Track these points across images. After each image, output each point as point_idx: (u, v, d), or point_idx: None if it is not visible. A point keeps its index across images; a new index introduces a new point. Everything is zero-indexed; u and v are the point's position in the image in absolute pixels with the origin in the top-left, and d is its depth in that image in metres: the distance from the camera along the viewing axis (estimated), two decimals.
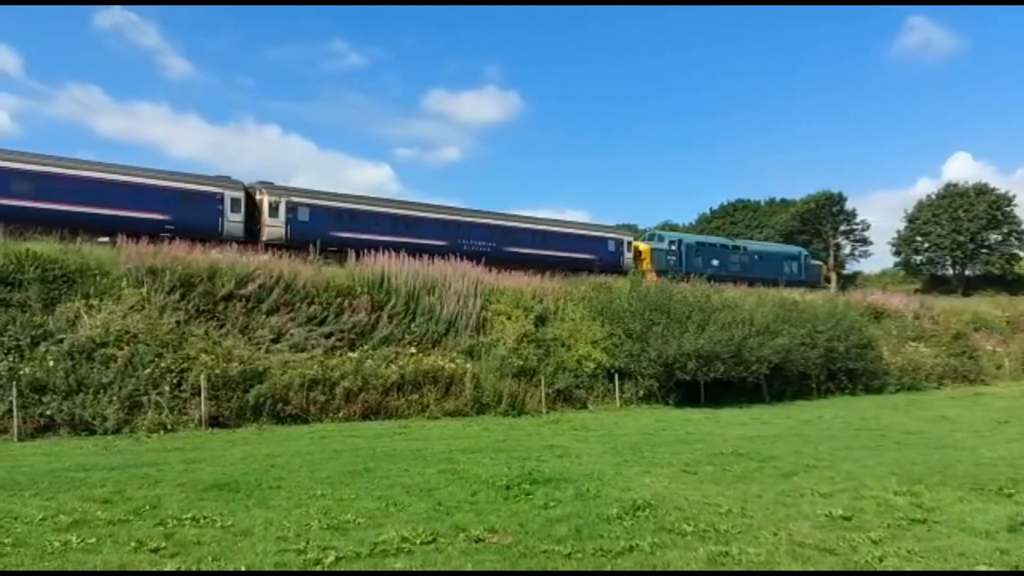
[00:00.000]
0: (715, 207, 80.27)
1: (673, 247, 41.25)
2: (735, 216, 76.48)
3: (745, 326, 24.81)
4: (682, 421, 19.22)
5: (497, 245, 34.70)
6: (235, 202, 29.20)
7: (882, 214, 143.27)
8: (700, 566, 6.17)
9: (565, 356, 23.39)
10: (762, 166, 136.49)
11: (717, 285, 30.86)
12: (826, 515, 7.90)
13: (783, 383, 26.71)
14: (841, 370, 28.38)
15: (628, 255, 39.86)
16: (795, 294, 34.61)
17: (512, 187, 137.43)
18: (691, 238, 43.23)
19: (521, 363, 21.95)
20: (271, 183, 30.90)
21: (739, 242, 46.86)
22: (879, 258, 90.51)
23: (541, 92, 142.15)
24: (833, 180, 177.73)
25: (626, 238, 40.85)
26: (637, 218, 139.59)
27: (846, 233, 70.83)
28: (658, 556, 6.41)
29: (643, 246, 40.77)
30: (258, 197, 29.85)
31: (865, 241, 71.36)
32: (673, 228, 78.47)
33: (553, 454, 12.46)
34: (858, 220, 70.62)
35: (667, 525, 7.40)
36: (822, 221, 68.97)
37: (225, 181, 29.87)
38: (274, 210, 29.66)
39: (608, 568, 6.10)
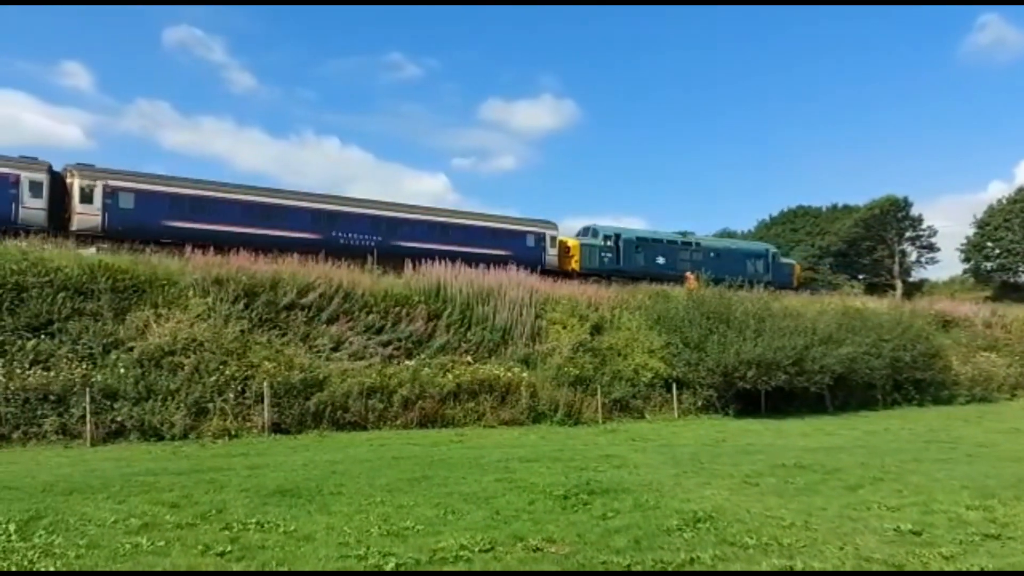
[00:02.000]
0: (775, 214, 78.92)
1: (609, 243, 37.51)
2: (795, 223, 74.97)
3: (807, 335, 24.30)
4: (742, 432, 18.90)
5: (384, 239, 31.13)
6: (35, 185, 25.56)
7: (950, 219, 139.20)
8: None
9: (621, 365, 23.23)
10: (824, 171, 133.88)
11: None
12: (894, 530, 7.67)
13: (847, 393, 26.07)
14: (908, 380, 27.57)
15: (551, 251, 35.98)
16: (857, 302, 33.76)
17: (568, 195, 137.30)
18: (632, 232, 39.13)
19: (577, 372, 21.88)
20: (90, 165, 27.06)
21: (692, 237, 42.67)
22: (947, 265, 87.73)
23: (597, 99, 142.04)
24: (898, 185, 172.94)
25: (548, 232, 36.55)
26: (695, 225, 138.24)
27: (912, 240, 68.74)
28: (720, 568, 6.31)
29: (571, 242, 37.17)
30: (68, 180, 26.41)
31: (932, 248, 69.16)
32: (730, 235, 77.35)
33: (610, 464, 12.37)
34: (924, 226, 68.49)
35: (728, 538, 7.27)
36: (886, 227, 67.05)
37: (24, 161, 26.29)
38: (87, 195, 25.85)
39: None
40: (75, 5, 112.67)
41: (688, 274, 34.92)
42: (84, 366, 16.51)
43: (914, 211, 68.26)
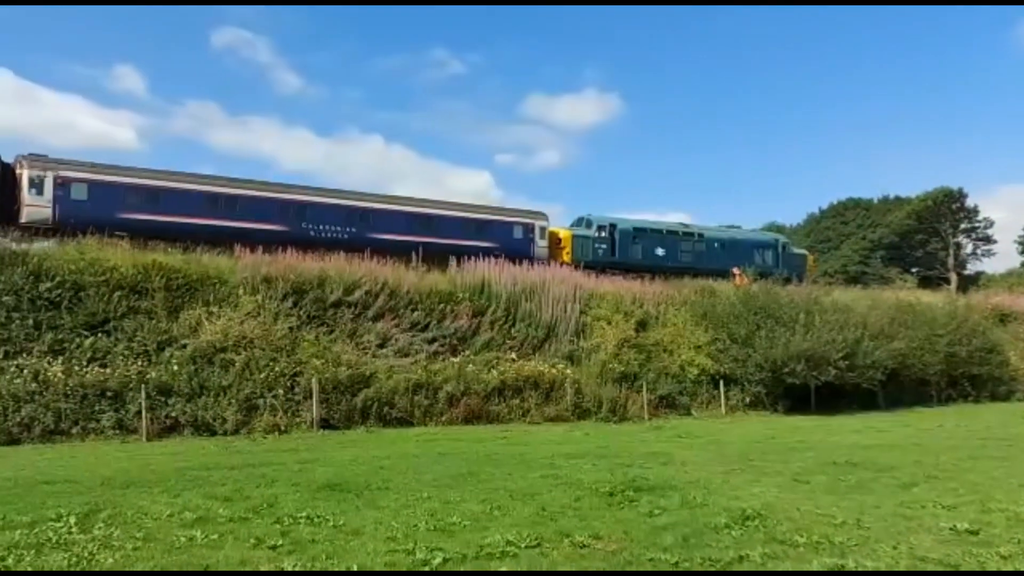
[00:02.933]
0: (824, 206, 77.44)
1: (603, 234, 35.42)
2: (845, 216, 73.43)
3: (858, 329, 23.83)
4: (792, 429, 18.61)
5: (358, 231, 29.21)
6: None
7: (1008, 210, 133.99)
8: None
9: (667, 361, 23.08)
10: (875, 162, 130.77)
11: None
12: (950, 529, 7.47)
13: (900, 390, 25.53)
14: (963, 376, 26.91)
15: (541, 243, 33.93)
16: (910, 296, 32.96)
17: (613, 190, 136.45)
18: (628, 223, 36.97)
19: (622, 369, 21.80)
20: (42, 155, 25.79)
21: (695, 227, 40.35)
22: (1004, 257, 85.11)
23: (641, 93, 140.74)
24: (952, 175, 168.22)
25: (538, 223, 34.50)
26: (743, 219, 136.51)
27: (967, 232, 66.88)
28: (770, 567, 6.21)
29: (563, 232, 35.26)
30: (18, 171, 25.10)
31: (988, 240, 67.20)
32: (778, 229, 76.05)
33: (657, 461, 12.28)
34: (980, 217, 66.59)
35: (778, 536, 7.16)
36: (940, 219, 65.32)
37: None
38: (37, 186, 24.59)
39: None
40: (111, 5, 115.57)
41: (735, 270, 34.25)
42: (139, 363, 16.97)
43: (969, 202, 66.50)
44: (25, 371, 15.83)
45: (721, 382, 22.82)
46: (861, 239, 68.24)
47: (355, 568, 6.06)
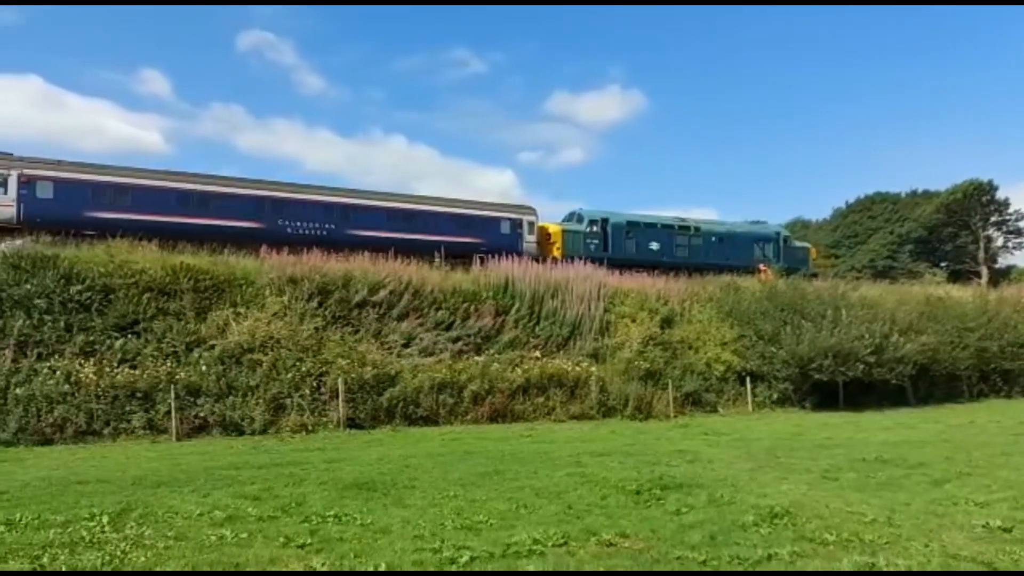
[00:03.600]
0: (851, 200, 76.58)
1: (595, 228, 34.77)
2: (872, 210, 72.58)
3: (885, 324, 23.55)
4: (820, 425, 18.43)
5: (337, 228, 28.60)
6: None
7: None
8: None
9: (693, 358, 22.95)
10: (902, 156, 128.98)
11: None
12: (983, 526, 7.37)
13: (930, 385, 25.19)
14: (995, 371, 26.50)
15: (529, 238, 33.05)
16: (939, 291, 32.49)
17: (637, 187, 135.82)
18: (621, 217, 36.18)
19: (647, 366, 21.70)
20: (7, 153, 25.25)
21: (691, 221, 39.09)
22: None
23: (666, 89, 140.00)
24: (982, 168, 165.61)
25: (526, 218, 33.65)
26: (768, 215, 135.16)
27: (998, 224, 65.76)
28: (798, 566, 6.17)
29: (553, 228, 34.49)
30: None
31: (1020, 232, 65.98)
32: (805, 225, 75.33)
33: (683, 459, 12.23)
34: (1011, 210, 65.42)
35: (807, 534, 7.11)
36: (970, 212, 64.30)
37: None
38: (1, 184, 24.14)
39: None
40: (135, 5, 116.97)
41: (761, 266, 33.89)
42: (169, 364, 17.17)
43: (1000, 194, 65.39)
44: (57, 372, 16.07)
45: (747, 379, 22.65)
46: (889, 233, 67.45)
47: (383, 566, 6.10)
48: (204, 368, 17.28)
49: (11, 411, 15.19)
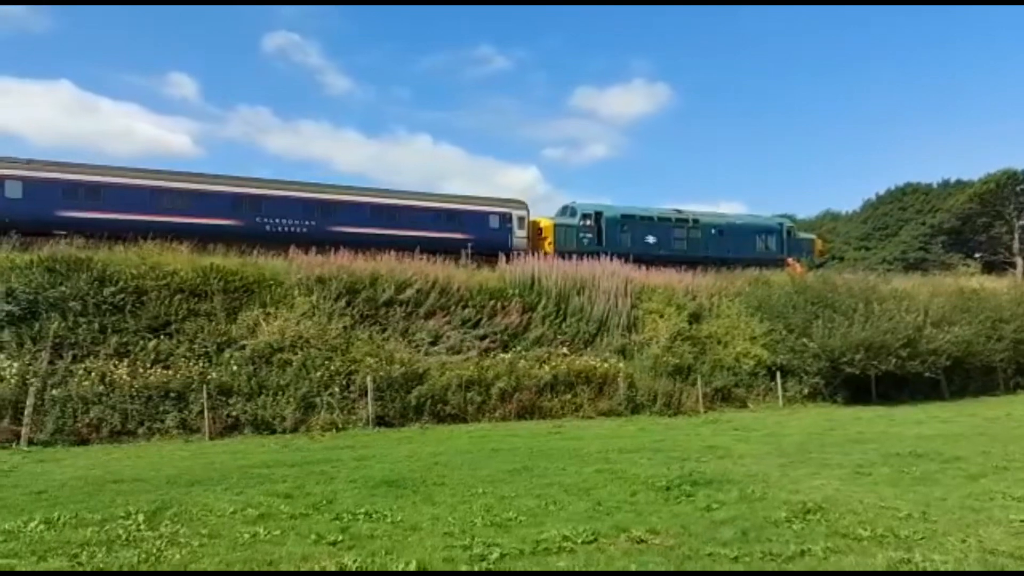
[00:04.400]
0: (881, 192, 75.39)
1: (588, 222, 33.90)
2: (904, 201, 71.32)
3: (919, 315, 23.20)
4: (852, 420, 18.21)
5: (318, 225, 27.86)
6: None
7: None
8: None
9: (722, 353, 22.79)
10: (934, 146, 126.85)
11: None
12: (1021, 521, 7.23)
13: (965, 378, 24.81)
14: None
15: (520, 233, 32.18)
16: (973, 282, 31.93)
17: (663, 182, 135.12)
18: (616, 209, 35.34)
19: (676, 362, 21.58)
20: None
21: (689, 213, 38.04)
22: None
23: (692, 82, 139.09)
24: (1016, 157, 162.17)
25: (516, 212, 32.64)
26: (797, 208, 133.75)
27: None
28: (832, 562, 6.09)
29: (544, 222, 33.60)
30: None
31: None
32: (834, 217, 74.30)
33: (713, 455, 12.14)
34: None
35: (840, 529, 7.02)
36: (1004, 202, 63.00)
37: None
38: None
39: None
40: (161, 4, 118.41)
41: (790, 260, 33.43)
42: (201, 364, 17.40)
43: None
44: (92, 374, 16.36)
45: (778, 373, 22.44)
46: (921, 224, 66.30)
47: (414, 563, 6.12)
48: (235, 368, 17.49)
49: (48, 412, 15.48)
